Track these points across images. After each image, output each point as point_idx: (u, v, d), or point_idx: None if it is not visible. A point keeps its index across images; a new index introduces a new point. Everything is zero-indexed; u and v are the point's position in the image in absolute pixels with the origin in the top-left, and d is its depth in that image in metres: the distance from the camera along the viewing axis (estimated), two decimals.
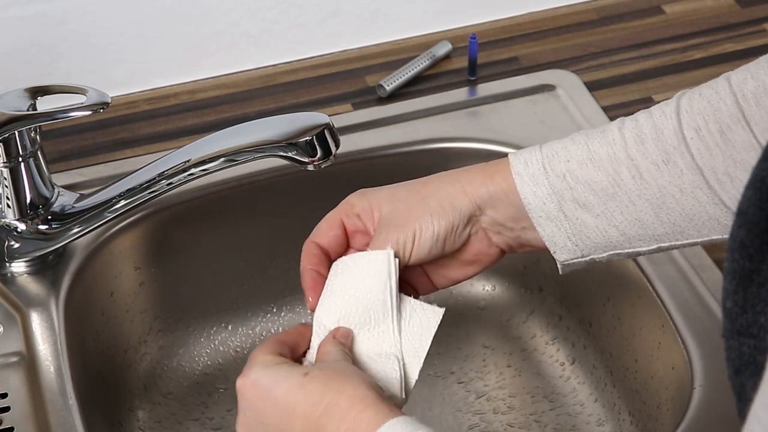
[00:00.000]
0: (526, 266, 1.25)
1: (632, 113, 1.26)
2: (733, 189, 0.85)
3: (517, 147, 1.21)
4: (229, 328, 1.23)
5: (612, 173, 0.87)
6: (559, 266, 0.91)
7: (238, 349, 1.23)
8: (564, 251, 0.90)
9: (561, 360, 1.21)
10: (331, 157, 1.02)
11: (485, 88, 1.28)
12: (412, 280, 0.93)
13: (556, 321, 1.23)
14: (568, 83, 1.28)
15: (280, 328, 1.24)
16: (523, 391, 1.19)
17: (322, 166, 1.03)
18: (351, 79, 1.30)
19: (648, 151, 0.87)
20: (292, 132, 1.02)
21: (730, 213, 0.85)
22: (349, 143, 1.18)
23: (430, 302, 0.89)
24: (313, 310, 0.89)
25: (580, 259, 0.90)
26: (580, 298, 1.20)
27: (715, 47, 1.33)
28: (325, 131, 1.02)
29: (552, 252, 0.90)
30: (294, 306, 1.25)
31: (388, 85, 1.26)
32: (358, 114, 1.25)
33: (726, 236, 0.85)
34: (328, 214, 0.93)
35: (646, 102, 1.26)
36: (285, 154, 1.02)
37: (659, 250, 0.89)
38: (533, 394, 1.18)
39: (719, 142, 0.85)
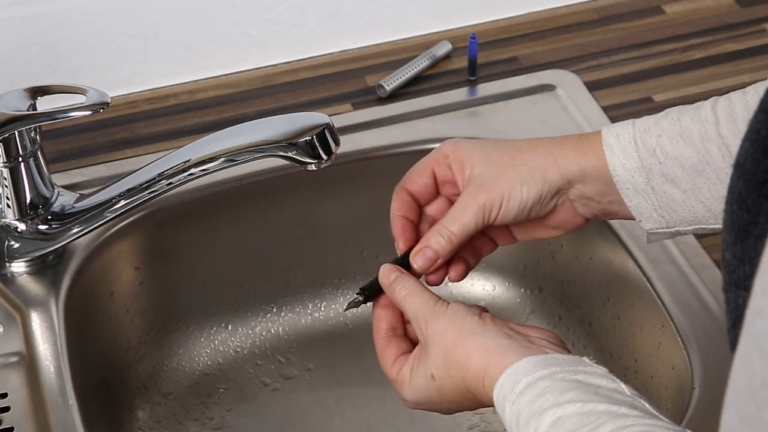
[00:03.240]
0: (526, 266, 1.25)
1: (632, 113, 1.26)
2: None
3: None
4: (229, 328, 1.23)
5: (702, 150, 0.88)
6: (645, 235, 0.92)
7: (238, 349, 1.23)
8: (650, 221, 0.91)
9: None
10: (331, 157, 1.02)
11: (485, 88, 1.28)
12: (492, 232, 0.95)
13: (556, 321, 1.23)
14: (568, 83, 1.28)
15: (280, 329, 1.24)
16: None
17: (322, 166, 1.03)
18: (351, 79, 1.29)
19: (739, 130, 0.87)
20: (292, 132, 1.02)
21: None
22: (349, 143, 1.18)
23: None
24: (402, 255, 0.93)
25: (665, 230, 0.91)
26: (580, 298, 1.20)
27: (715, 47, 1.33)
28: (325, 131, 1.02)
29: (638, 221, 0.91)
30: (294, 306, 1.25)
31: (388, 85, 1.26)
32: (358, 114, 1.25)
33: None
34: (420, 161, 0.95)
35: (646, 102, 1.26)
36: (285, 154, 1.02)
37: None
38: None
39: None
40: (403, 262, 0.93)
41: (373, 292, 0.92)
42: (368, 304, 0.93)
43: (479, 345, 0.83)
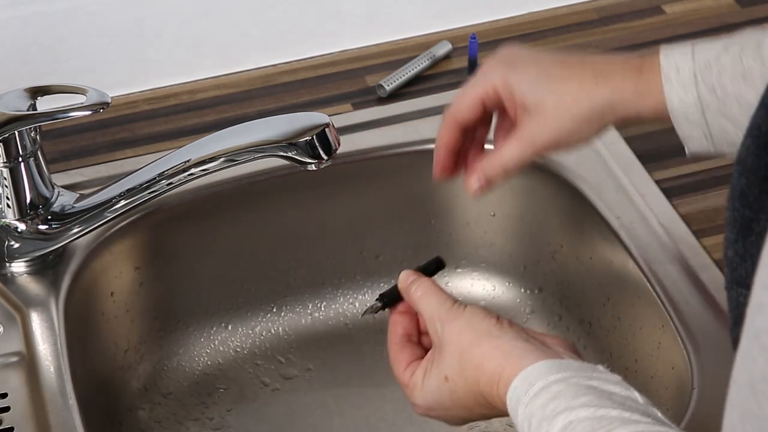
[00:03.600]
0: (526, 266, 1.25)
1: None
2: None
3: None
4: (229, 328, 1.23)
5: (762, 91, 0.86)
6: (687, 151, 0.93)
7: (238, 349, 1.23)
8: (696, 145, 0.92)
9: None
10: (331, 157, 1.02)
11: None
12: None
13: (556, 321, 1.23)
14: None
15: (280, 329, 1.24)
16: None
17: (322, 166, 1.03)
18: (351, 79, 1.29)
19: None
20: (292, 132, 1.02)
21: None
22: (349, 143, 1.18)
23: None
24: (437, 178, 0.97)
25: (710, 150, 0.92)
26: (580, 298, 1.20)
27: None
28: (325, 131, 1.02)
29: (683, 142, 0.92)
30: (294, 306, 1.25)
31: (388, 85, 1.26)
32: (358, 114, 1.25)
33: None
34: (468, 89, 0.97)
35: None
36: (285, 154, 1.02)
37: None
38: None
39: None
40: (424, 269, 0.94)
41: (392, 299, 0.93)
42: (386, 311, 0.94)
43: (495, 347, 0.82)
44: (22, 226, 1.08)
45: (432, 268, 0.95)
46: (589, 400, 0.75)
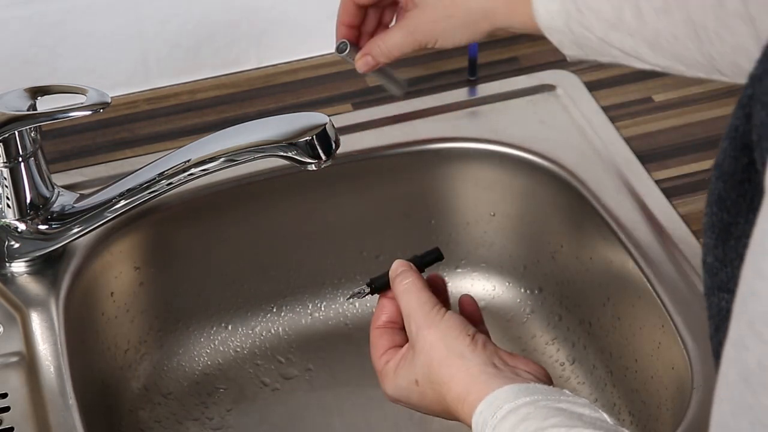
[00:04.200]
0: (526, 266, 1.25)
1: (632, 113, 1.26)
2: (721, 46, 0.90)
3: (518, 147, 1.21)
4: (229, 328, 1.24)
5: (617, 7, 0.95)
6: (567, 57, 1.02)
7: (238, 349, 1.23)
8: (570, 50, 1.00)
9: (561, 360, 1.21)
10: (331, 157, 1.02)
11: (485, 88, 1.28)
12: None
13: (556, 321, 1.23)
14: (568, 83, 1.28)
15: (280, 329, 1.24)
16: None
17: (322, 166, 1.03)
18: (351, 79, 1.29)
19: None
20: (292, 132, 1.02)
21: (714, 62, 0.91)
22: (349, 143, 1.18)
23: None
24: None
25: (583, 57, 1.00)
26: (580, 298, 1.20)
27: None
28: (325, 131, 1.02)
29: (560, 49, 1.00)
30: (294, 306, 1.25)
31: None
32: (358, 114, 1.25)
33: (710, 77, 0.94)
34: None
35: (646, 102, 1.26)
36: (285, 154, 1.02)
37: (652, 71, 0.99)
38: None
39: (715, 4, 0.89)
40: (421, 258, 0.94)
41: (380, 285, 0.93)
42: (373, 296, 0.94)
43: (464, 369, 0.83)
44: (22, 226, 1.08)
45: (429, 258, 0.95)
46: (560, 420, 0.75)
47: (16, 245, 1.09)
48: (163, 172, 1.05)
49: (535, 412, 0.77)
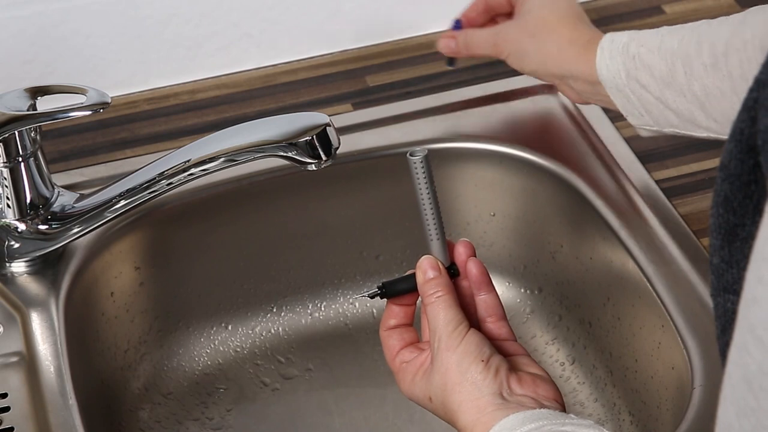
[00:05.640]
0: (526, 266, 1.25)
1: None
2: None
3: (517, 147, 1.21)
4: (229, 328, 1.24)
5: (670, 64, 1.00)
6: (636, 129, 1.07)
7: (238, 349, 1.23)
8: (635, 117, 1.05)
9: (561, 360, 1.21)
10: (331, 157, 1.02)
11: (485, 88, 1.28)
12: None
13: (556, 321, 1.23)
14: None
15: (280, 329, 1.24)
16: None
17: (322, 166, 1.03)
18: (351, 79, 1.29)
19: (703, 51, 0.99)
20: (292, 132, 1.02)
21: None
22: (349, 143, 1.18)
23: None
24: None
25: (652, 126, 1.05)
26: (580, 298, 1.20)
27: None
28: (325, 131, 1.02)
29: (626, 117, 1.06)
30: (294, 306, 1.25)
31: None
32: (358, 114, 1.25)
33: None
34: None
35: None
36: (285, 154, 1.02)
37: (709, 138, 1.03)
38: None
39: (759, 57, 0.93)
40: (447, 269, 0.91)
41: (392, 293, 0.91)
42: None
43: (473, 399, 0.83)
44: (22, 226, 1.08)
45: (452, 272, 0.92)
46: None
47: (16, 245, 1.09)
48: (163, 172, 1.05)
49: None
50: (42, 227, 1.08)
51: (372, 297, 0.91)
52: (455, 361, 0.85)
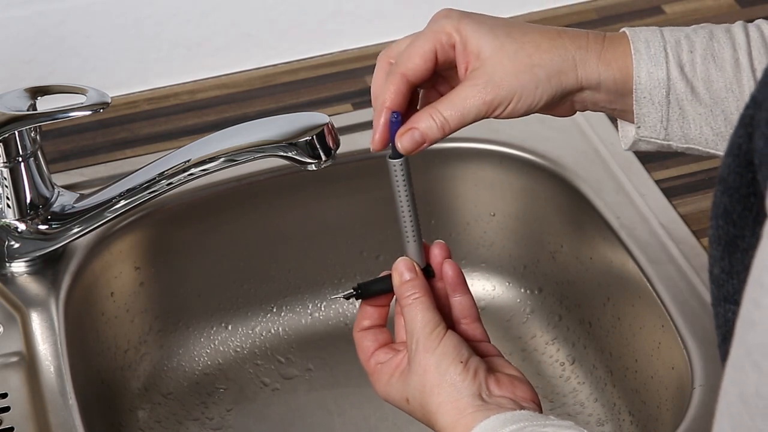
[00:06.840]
0: (526, 266, 1.25)
1: None
2: None
3: (518, 147, 1.21)
4: (229, 328, 1.23)
5: (731, 77, 0.85)
6: (625, 141, 0.89)
7: (238, 349, 1.23)
8: (648, 129, 0.86)
9: (561, 360, 1.21)
10: (331, 157, 1.02)
11: None
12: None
13: (556, 321, 1.23)
14: None
15: (280, 329, 1.24)
16: None
17: (322, 166, 1.03)
18: (351, 79, 1.29)
19: None
20: (292, 132, 1.02)
21: None
22: (349, 143, 1.18)
23: None
24: (376, 151, 0.89)
25: (656, 140, 0.87)
26: (580, 298, 1.20)
27: None
28: (325, 131, 1.02)
29: (635, 126, 0.87)
30: (294, 306, 1.25)
31: None
32: (358, 114, 1.25)
33: None
34: (418, 41, 0.87)
35: None
36: (285, 154, 1.02)
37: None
38: None
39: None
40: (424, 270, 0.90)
41: (367, 294, 0.90)
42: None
43: (452, 401, 0.83)
44: (22, 226, 1.08)
45: (427, 273, 0.91)
46: None
47: (16, 245, 1.09)
48: (163, 172, 1.05)
49: None
50: (42, 227, 1.08)
51: (347, 298, 0.91)
52: (434, 362, 0.84)
